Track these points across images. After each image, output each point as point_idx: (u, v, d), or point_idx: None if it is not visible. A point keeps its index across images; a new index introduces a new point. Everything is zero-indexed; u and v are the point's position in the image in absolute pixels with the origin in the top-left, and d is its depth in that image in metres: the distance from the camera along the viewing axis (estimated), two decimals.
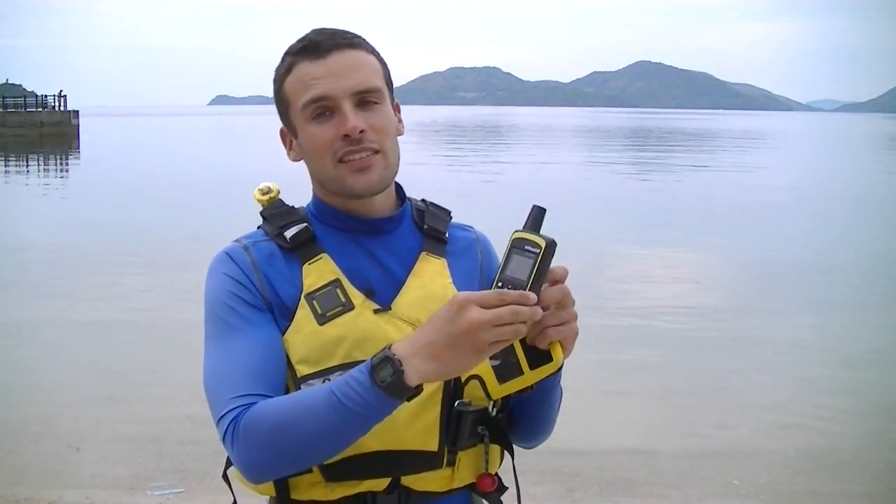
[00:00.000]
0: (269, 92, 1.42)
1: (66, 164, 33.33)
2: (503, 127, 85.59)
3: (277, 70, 1.40)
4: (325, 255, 1.38)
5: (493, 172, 27.32)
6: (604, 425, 5.70)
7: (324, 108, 1.34)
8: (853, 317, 8.92)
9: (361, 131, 1.33)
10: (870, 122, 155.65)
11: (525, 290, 1.15)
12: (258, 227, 1.44)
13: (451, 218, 1.50)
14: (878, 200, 20.09)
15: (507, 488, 1.44)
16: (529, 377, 1.23)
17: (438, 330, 1.13)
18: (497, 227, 1.65)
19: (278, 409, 1.21)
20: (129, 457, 5.02)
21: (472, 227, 1.54)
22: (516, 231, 1.19)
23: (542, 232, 1.18)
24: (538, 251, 1.16)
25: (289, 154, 1.45)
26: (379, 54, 1.42)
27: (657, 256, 12.13)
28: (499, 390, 1.24)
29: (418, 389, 1.16)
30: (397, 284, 1.39)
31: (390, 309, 1.36)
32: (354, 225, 1.41)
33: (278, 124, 1.45)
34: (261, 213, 1.44)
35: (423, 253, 1.43)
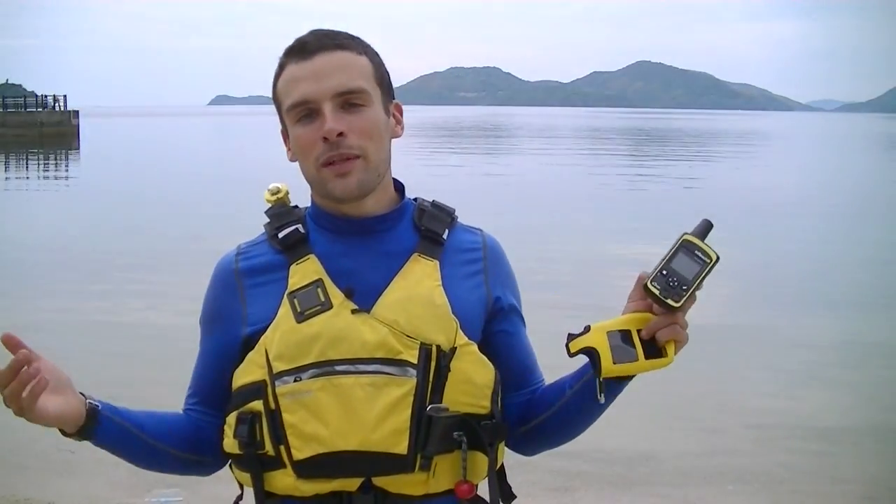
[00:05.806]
0: (268, 92, 1.43)
1: (67, 164, 33.33)
2: (509, 127, 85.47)
3: (275, 71, 1.42)
4: (311, 256, 1.39)
5: (493, 174, 27.30)
6: (604, 424, 5.66)
7: (308, 111, 1.35)
8: (854, 316, 8.92)
9: (339, 134, 1.32)
10: (870, 123, 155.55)
11: (689, 288, 1.25)
12: (264, 226, 1.47)
13: (453, 219, 1.46)
14: (879, 201, 20.07)
15: (514, 497, 1.43)
16: (644, 365, 1.31)
17: None
18: (500, 227, 1.63)
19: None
20: None
21: (480, 230, 1.50)
22: (686, 234, 1.28)
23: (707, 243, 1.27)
24: (709, 262, 1.26)
25: (287, 154, 1.45)
26: (374, 55, 1.41)
27: (657, 256, 12.12)
28: (612, 369, 1.30)
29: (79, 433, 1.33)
30: (384, 285, 1.37)
31: (370, 309, 1.35)
32: (345, 227, 1.41)
33: (277, 124, 1.45)
34: (265, 213, 1.46)
35: (416, 254, 1.41)
